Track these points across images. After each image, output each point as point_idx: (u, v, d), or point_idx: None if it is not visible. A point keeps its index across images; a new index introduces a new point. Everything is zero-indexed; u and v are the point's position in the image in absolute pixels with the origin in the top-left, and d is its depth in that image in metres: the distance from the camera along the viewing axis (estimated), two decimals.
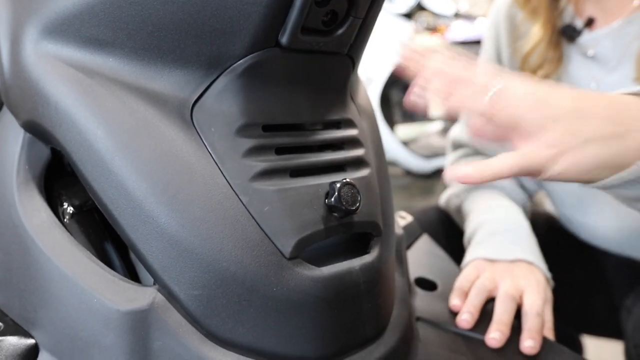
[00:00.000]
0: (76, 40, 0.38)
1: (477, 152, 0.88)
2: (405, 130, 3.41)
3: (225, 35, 0.36)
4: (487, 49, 0.88)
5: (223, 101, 0.38)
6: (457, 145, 0.90)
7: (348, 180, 0.39)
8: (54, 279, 0.38)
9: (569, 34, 0.77)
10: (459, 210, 0.80)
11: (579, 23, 0.77)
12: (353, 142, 0.44)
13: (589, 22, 0.76)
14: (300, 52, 0.39)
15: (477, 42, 2.68)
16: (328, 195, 0.39)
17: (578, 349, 1.02)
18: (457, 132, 0.91)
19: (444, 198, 0.86)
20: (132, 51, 0.38)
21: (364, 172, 0.43)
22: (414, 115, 3.54)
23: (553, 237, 0.87)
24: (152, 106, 0.38)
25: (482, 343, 0.52)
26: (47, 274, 0.38)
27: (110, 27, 0.37)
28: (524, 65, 0.80)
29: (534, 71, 0.79)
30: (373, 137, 0.49)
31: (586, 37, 0.76)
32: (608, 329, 0.87)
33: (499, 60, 0.86)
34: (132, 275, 0.43)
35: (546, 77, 0.78)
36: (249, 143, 0.38)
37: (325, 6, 0.37)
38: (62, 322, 0.38)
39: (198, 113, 0.38)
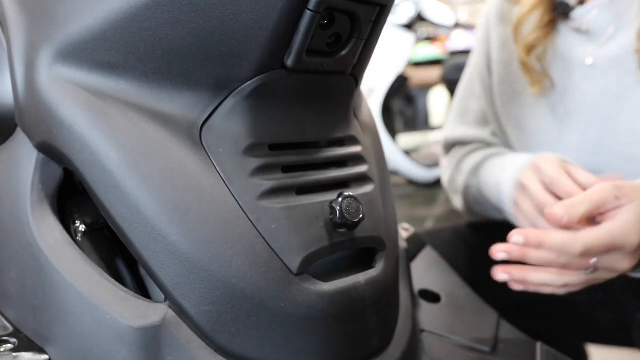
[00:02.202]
0: (89, 64, 0.39)
1: (477, 148, 0.83)
2: (407, 139, 3.42)
3: (232, 58, 0.37)
4: (478, 38, 0.87)
5: (231, 122, 0.39)
6: (451, 145, 0.86)
7: (348, 193, 0.40)
8: (67, 296, 0.39)
9: (562, 9, 0.75)
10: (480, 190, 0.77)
11: (572, 1, 0.76)
12: (356, 159, 0.45)
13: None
14: (305, 73, 0.40)
15: None
16: (331, 211, 0.40)
17: (583, 357, 1.02)
18: (451, 130, 0.87)
19: (459, 201, 0.83)
20: (143, 74, 0.39)
21: (367, 188, 0.44)
22: (415, 125, 3.55)
23: None
24: (162, 127, 0.39)
25: (487, 354, 0.52)
26: (61, 291, 0.39)
27: (122, 52, 0.38)
28: (516, 33, 0.78)
29: (526, 37, 0.77)
30: (376, 153, 0.50)
31: (579, 12, 0.74)
32: (615, 340, 0.85)
33: (487, 54, 0.85)
34: (143, 291, 0.44)
35: (535, 44, 0.77)
36: (256, 162, 0.39)
37: (329, 29, 0.39)
38: (76, 339, 0.39)
39: (207, 134, 0.39)
